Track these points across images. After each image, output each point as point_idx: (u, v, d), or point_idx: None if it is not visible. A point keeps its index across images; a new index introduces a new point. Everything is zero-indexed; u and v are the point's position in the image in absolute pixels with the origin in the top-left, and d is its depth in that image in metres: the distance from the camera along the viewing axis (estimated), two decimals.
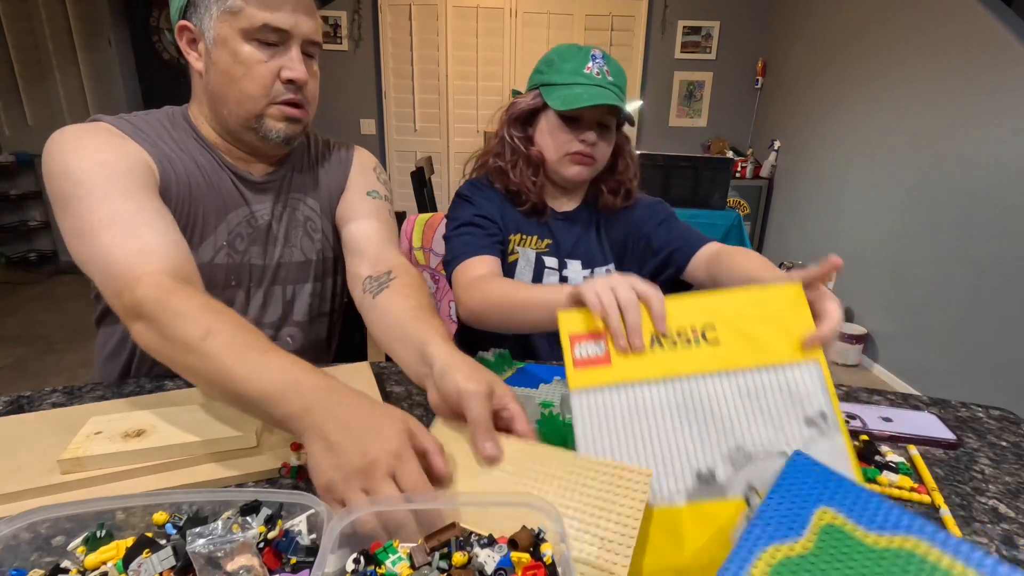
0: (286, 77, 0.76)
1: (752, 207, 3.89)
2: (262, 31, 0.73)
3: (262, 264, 0.86)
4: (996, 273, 2.13)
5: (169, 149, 0.78)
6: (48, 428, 0.64)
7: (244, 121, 0.78)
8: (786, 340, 0.54)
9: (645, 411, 0.53)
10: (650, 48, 4.06)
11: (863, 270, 2.93)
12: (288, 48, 0.76)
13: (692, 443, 0.51)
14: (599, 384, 0.54)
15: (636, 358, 0.54)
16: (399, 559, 0.45)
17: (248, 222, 0.85)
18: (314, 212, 0.91)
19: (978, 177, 2.23)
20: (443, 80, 4.09)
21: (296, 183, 0.90)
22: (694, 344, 0.54)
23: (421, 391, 0.78)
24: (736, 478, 0.49)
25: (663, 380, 0.53)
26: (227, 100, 0.77)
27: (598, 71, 0.94)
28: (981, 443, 0.71)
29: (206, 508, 0.48)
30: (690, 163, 2.50)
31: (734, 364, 0.53)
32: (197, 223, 0.79)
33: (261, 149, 0.84)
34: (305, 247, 0.90)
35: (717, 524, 0.48)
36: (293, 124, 0.81)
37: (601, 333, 0.55)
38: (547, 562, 0.44)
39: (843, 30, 3.13)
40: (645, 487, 0.45)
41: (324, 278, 0.94)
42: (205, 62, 0.77)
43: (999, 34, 2.14)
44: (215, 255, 0.81)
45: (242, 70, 0.75)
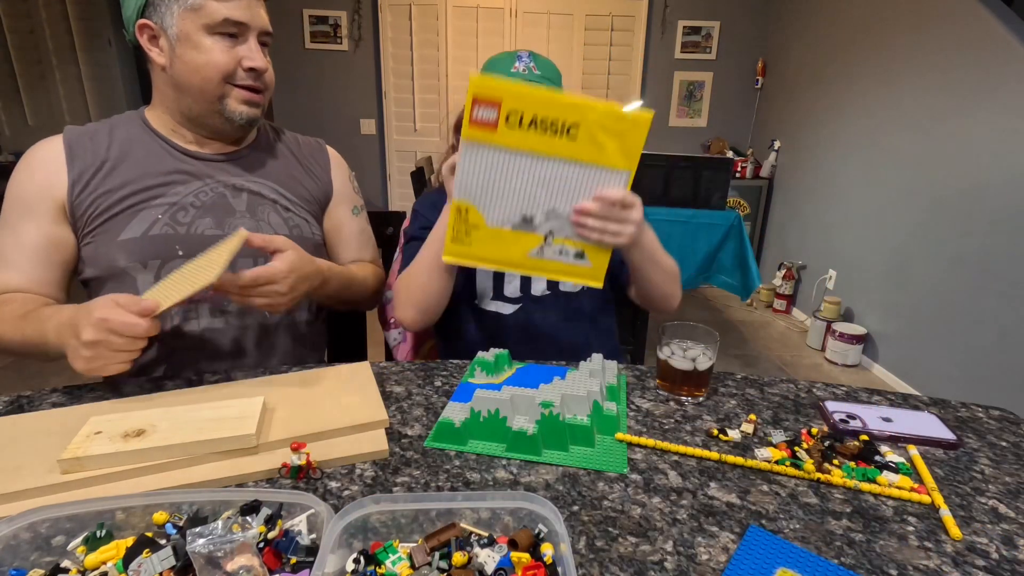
0: (247, 66, 0.84)
1: (752, 207, 3.88)
2: (223, 24, 0.81)
3: (219, 234, 0.87)
4: (996, 273, 2.13)
5: (98, 147, 0.86)
6: (48, 428, 0.64)
7: (209, 105, 0.86)
8: (620, 150, 0.73)
9: (506, 170, 0.74)
10: (650, 48, 4.06)
11: (863, 270, 2.93)
12: (247, 39, 0.84)
13: (527, 199, 0.76)
14: (483, 142, 0.73)
15: (515, 132, 0.72)
16: (399, 559, 0.45)
17: (196, 195, 0.88)
18: (283, 197, 0.95)
19: (978, 177, 2.23)
20: (443, 80, 4.09)
21: (258, 163, 0.95)
22: (559, 135, 0.72)
23: (421, 391, 0.78)
24: (545, 225, 0.78)
25: (526, 153, 0.73)
26: (192, 88, 0.84)
27: (524, 68, 0.95)
28: (981, 443, 0.71)
29: (206, 508, 0.48)
30: (690, 163, 2.49)
31: (577, 157, 0.74)
32: (130, 203, 0.85)
33: (223, 131, 0.90)
34: (274, 222, 0.93)
35: (521, 243, 0.79)
36: (253, 108, 0.88)
37: (497, 103, 0.70)
38: (547, 562, 0.44)
39: (843, 30, 3.13)
40: None
41: None
42: (169, 56, 0.83)
43: (999, 34, 2.13)
44: (150, 227, 0.85)
45: (205, 59, 0.82)
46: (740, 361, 2.87)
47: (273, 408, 0.69)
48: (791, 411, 0.76)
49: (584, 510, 0.56)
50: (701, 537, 0.52)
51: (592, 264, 0.81)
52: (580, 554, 0.50)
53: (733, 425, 0.72)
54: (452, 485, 0.59)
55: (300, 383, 0.76)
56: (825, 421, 0.74)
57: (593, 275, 0.82)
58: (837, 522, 0.55)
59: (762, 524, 0.55)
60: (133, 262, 0.84)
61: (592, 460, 0.64)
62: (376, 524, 0.47)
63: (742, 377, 0.85)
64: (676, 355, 0.78)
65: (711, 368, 0.78)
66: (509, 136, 0.72)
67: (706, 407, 0.77)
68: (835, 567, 0.49)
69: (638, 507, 0.56)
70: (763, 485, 0.61)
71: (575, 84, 4.06)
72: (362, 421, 0.66)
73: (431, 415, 0.72)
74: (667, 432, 0.70)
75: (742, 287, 2.51)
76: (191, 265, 0.76)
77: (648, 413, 0.75)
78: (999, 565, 0.50)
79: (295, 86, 4.07)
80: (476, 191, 0.76)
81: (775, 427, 0.72)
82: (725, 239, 2.50)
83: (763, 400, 0.79)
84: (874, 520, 0.56)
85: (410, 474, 0.60)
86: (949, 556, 0.51)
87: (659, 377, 0.82)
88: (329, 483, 0.58)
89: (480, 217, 0.78)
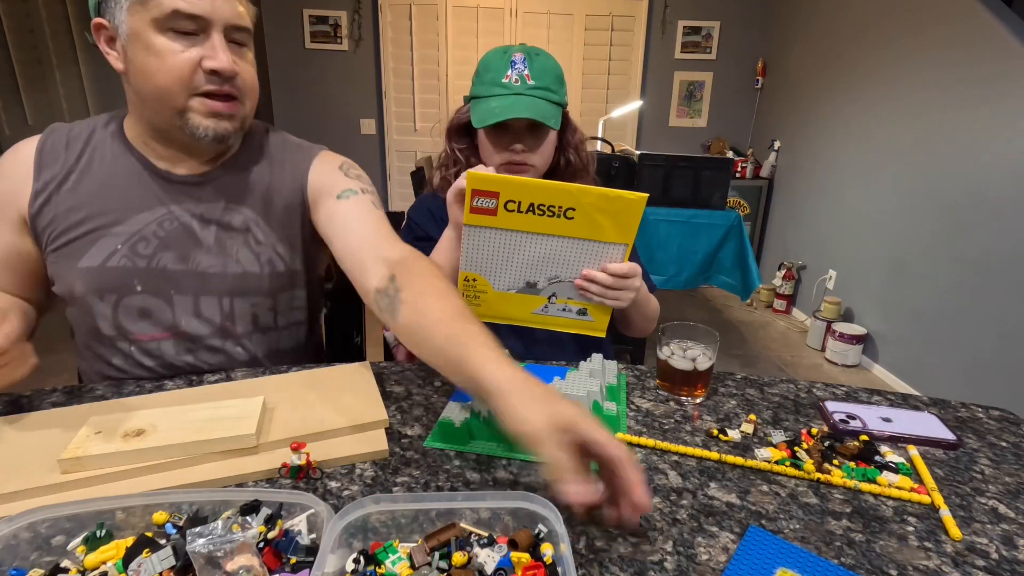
0: (208, 67, 0.70)
1: (752, 207, 3.88)
2: (174, 18, 0.67)
3: (182, 269, 0.79)
4: (996, 273, 2.13)
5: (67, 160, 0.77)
6: (48, 428, 0.64)
7: (167, 119, 0.73)
8: (616, 227, 0.78)
9: (509, 247, 0.80)
10: (650, 48, 4.06)
11: (863, 270, 2.93)
12: (209, 36, 0.70)
13: (530, 268, 0.82)
14: (485, 226, 0.78)
15: (514, 216, 0.76)
16: (399, 559, 0.45)
17: (160, 224, 0.78)
18: (254, 223, 0.82)
19: (978, 177, 2.23)
20: (443, 80, 4.09)
21: (232, 187, 0.81)
22: (557, 217, 0.77)
23: (421, 391, 0.78)
24: (548, 289, 0.85)
25: (527, 233, 0.78)
26: (147, 99, 0.72)
27: (516, 78, 0.93)
28: (981, 443, 0.71)
29: (206, 508, 0.48)
30: (690, 163, 2.49)
31: (576, 234, 0.79)
32: (88, 228, 0.77)
33: (194, 148, 0.78)
34: (244, 260, 0.81)
35: (527, 304, 0.86)
36: (223, 120, 0.74)
37: (496, 193, 0.75)
38: (547, 562, 0.44)
39: (843, 30, 3.13)
40: None
41: (279, 293, 0.86)
42: (123, 60, 0.71)
43: (999, 34, 2.13)
44: (108, 258, 0.76)
45: (156, 63, 0.68)
46: (740, 361, 2.87)
47: (273, 408, 0.68)
48: (791, 411, 0.76)
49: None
50: (701, 537, 0.52)
51: (594, 319, 0.88)
52: (580, 554, 0.50)
53: (733, 425, 0.72)
54: (452, 485, 0.59)
55: (300, 383, 0.76)
56: (825, 421, 0.74)
57: (595, 327, 0.89)
58: (837, 522, 0.55)
59: (762, 524, 0.54)
60: (89, 292, 0.77)
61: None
62: (376, 524, 0.47)
63: (742, 377, 0.85)
64: (676, 355, 0.78)
65: (711, 368, 0.78)
66: (509, 220, 0.77)
67: (706, 407, 0.77)
68: (835, 567, 0.49)
69: None
70: (763, 485, 0.61)
71: (575, 84, 4.06)
72: (362, 421, 0.66)
73: (431, 415, 0.72)
74: (667, 432, 0.70)
75: (742, 287, 2.51)
76: None
77: (648, 413, 0.75)
78: (999, 565, 0.50)
79: (295, 86, 4.07)
80: (481, 265, 0.82)
81: (775, 427, 0.72)
82: (725, 239, 2.50)
83: (763, 400, 0.79)
84: (874, 520, 0.56)
85: (410, 474, 0.60)
86: (949, 556, 0.51)
87: (659, 377, 0.82)
88: (329, 483, 0.58)
89: (487, 284, 0.84)
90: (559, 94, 0.97)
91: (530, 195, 0.75)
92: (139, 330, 0.80)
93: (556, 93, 0.96)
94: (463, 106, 1.03)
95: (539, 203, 0.76)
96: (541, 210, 0.76)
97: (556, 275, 0.83)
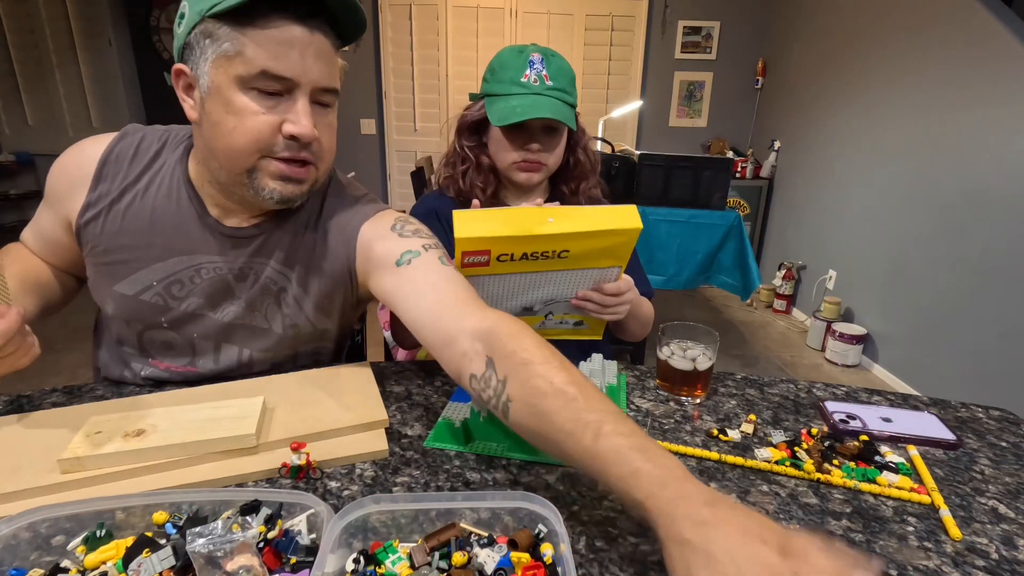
0: (288, 132, 0.65)
1: (752, 207, 3.88)
2: (261, 79, 0.62)
3: (210, 316, 0.77)
4: (996, 273, 2.13)
5: (129, 177, 0.75)
6: (48, 428, 0.64)
7: (235, 178, 0.68)
8: (610, 255, 0.78)
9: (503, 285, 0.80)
10: (650, 48, 4.06)
11: (863, 270, 2.92)
12: (294, 99, 0.65)
13: (526, 296, 0.83)
14: (478, 274, 0.77)
15: (507, 264, 0.75)
16: (399, 559, 0.45)
17: (198, 271, 0.75)
18: (290, 284, 0.78)
19: (978, 177, 2.23)
20: (443, 80, 4.09)
21: (278, 247, 0.77)
22: (551, 259, 0.76)
23: (421, 391, 0.78)
24: (544, 309, 0.87)
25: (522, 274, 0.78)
26: (217, 154, 0.67)
27: (536, 78, 0.94)
28: (981, 443, 0.71)
29: (206, 508, 0.48)
30: (690, 163, 2.49)
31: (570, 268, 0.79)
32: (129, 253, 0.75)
33: (255, 204, 0.73)
34: (272, 320, 0.78)
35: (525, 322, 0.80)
36: (292, 184, 0.69)
37: (487, 251, 0.73)
38: (547, 562, 0.44)
39: (843, 30, 3.13)
40: None
41: (301, 347, 0.82)
42: (199, 112, 0.66)
43: (999, 34, 2.13)
44: (142, 291, 0.76)
45: (235, 122, 0.64)
46: (740, 361, 2.87)
47: (273, 408, 0.69)
48: (791, 411, 0.76)
49: (584, 510, 0.56)
50: None
51: (590, 327, 0.92)
52: (580, 554, 0.50)
53: (733, 425, 0.72)
54: (452, 485, 0.59)
55: (300, 383, 0.76)
56: (825, 421, 0.74)
57: (592, 333, 0.93)
58: (837, 522, 0.55)
59: None
60: (118, 315, 0.78)
61: None
62: (376, 524, 0.47)
63: (742, 377, 0.85)
64: (676, 355, 0.78)
65: (711, 368, 0.78)
66: (502, 268, 0.76)
67: (706, 407, 0.77)
68: None
69: None
70: (763, 485, 0.61)
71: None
72: (362, 421, 0.66)
73: (431, 415, 0.72)
74: (667, 432, 0.70)
75: (742, 287, 2.51)
76: None
77: (648, 413, 0.75)
78: (999, 565, 0.50)
79: None
80: None
81: (775, 427, 0.72)
82: (725, 239, 2.50)
83: (763, 400, 0.79)
84: (874, 520, 0.56)
85: (410, 474, 0.60)
86: (949, 556, 0.51)
87: (659, 377, 0.82)
88: (329, 483, 0.58)
89: None
90: (573, 95, 0.98)
91: (522, 247, 0.73)
92: (159, 358, 0.81)
93: (571, 95, 0.97)
94: (473, 104, 1.02)
95: (532, 251, 0.74)
96: (535, 256, 0.75)
97: (552, 298, 0.85)
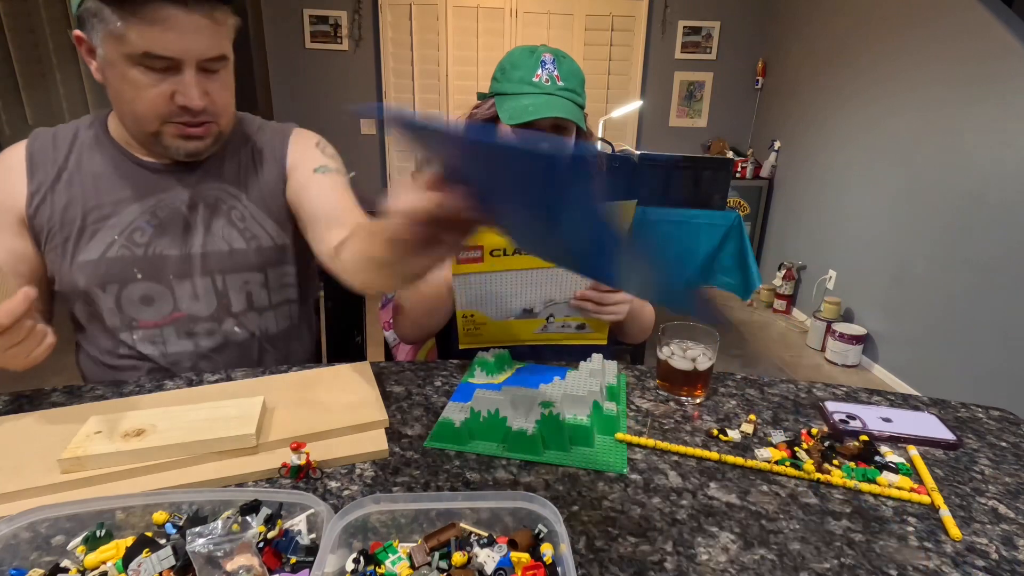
0: (179, 104, 0.73)
1: (752, 207, 3.88)
2: (146, 58, 0.69)
3: (179, 254, 0.83)
4: (996, 273, 2.13)
5: (57, 158, 0.80)
6: (48, 428, 0.64)
7: (143, 137, 0.78)
8: None
9: (500, 284, 0.82)
10: (650, 48, 4.06)
11: (863, 270, 2.92)
12: (181, 72, 0.72)
13: (525, 297, 0.85)
14: (473, 272, 0.80)
15: (500, 260, 0.79)
16: (399, 559, 0.45)
17: (153, 213, 0.81)
18: (239, 203, 0.87)
19: (978, 177, 2.23)
20: (443, 80, 4.09)
21: (214, 170, 0.86)
22: None
23: (421, 391, 0.78)
24: (545, 311, 0.87)
25: (516, 271, 0.81)
26: (123, 116, 0.77)
27: (547, 78, 0.93)
28: (981, 443, 0.71)
29: (206, 508, 0.48)
30: (690, 163, 2.49)
31: None
32: (85, 223, 0.79)
33: (165, 155, 0.82)
34: (229, 236, 0.86)
35: (527, 327, 0.88)
36: (197, 141, 0.78)
37: (480, 246, 0.78)
38: (547, 562, 0.44)
39: (843, 30, 3.13)
40: None
41: (266, 267, 0.89)
42: (103, 76, 0.75)
43: (999, 34, 2.13)
44: (106, 250, 0.80)
45: (132, 92, 0.72)
46: (740, 361, 2.87)
47: (273, 408, 0.69)
48: (791, 411, 0.76)
49: (584, 510, 0.56)
50: (701, 537, 0.52)
51: (593, 330, 0.90)
52: (580, 554, 0.50)
53: (733, 425, 0.72)
54: (452, 485, 0.59)
55: (300, 383, 0.76)
56: (825, 421, 0.74)
57: (596, 337, 0.91)
58: (837, 522, 0.55)
59: (762, 524, 0.55)
60: (92, 285, 0.80)
61: (592, 460, 0.64)
62: (376, 524, 0.47)
63: (742, 377, 0.85)
64: (676, 355, 0.78)
65: (711, 368, 0.78)
66: (496, 263, 0.79)
67: (706, 407, 0.77)
68: None
69: (638, 507, 0.56)
70: (763, 485, 0.61)
71: None
72: (362, 421, 0.66)
73: (431, 415, 0.72)
74: (667, 432, 0.70)
75: (742, 287, 2.51)
76: None
77: (648, 413, 0.75)
78: (999, 565, 0.50)
79: (295, 86, 4.07)
80: (476, 303, 0.85)
81: (775, 427, 0.72)
82: (725, 239, 2.50)
83: (763, 400, 0.79)
84: (874, 520, 0.56)
85: (410, 474, 0.60)
86: (949, 556, 0.51)
87: (659, 377, 0.82)
88: (329, 483, 0.58)
89: (485, 317, 0.87)
90: (582, 97, 0.98)
91: None
92: (143, 316, 0.83)
93: (580, 96, 0.97)
94: (482, 103, 1.02)
95: None
96: None
97: (551, 298, 0.85)
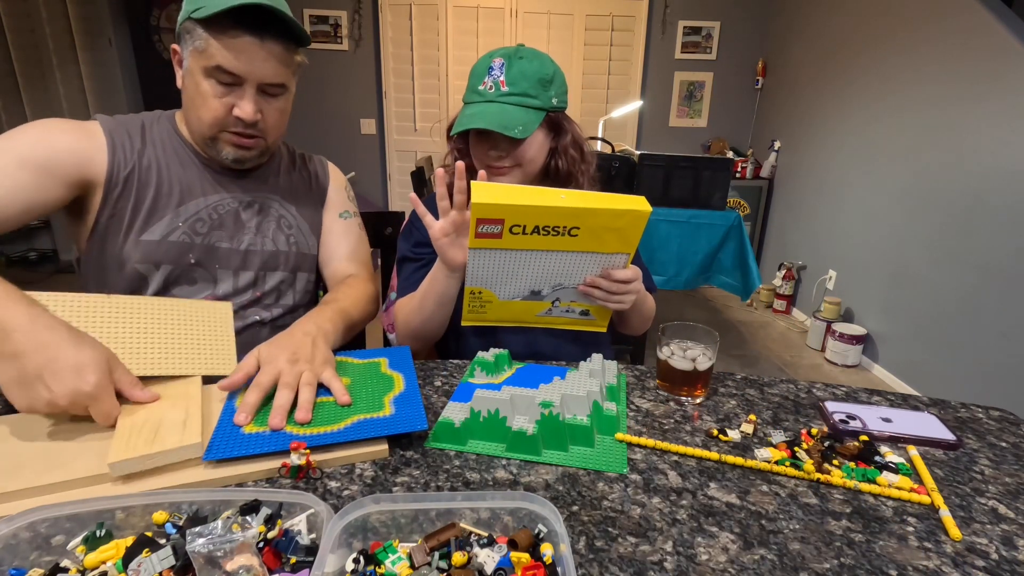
0: (235, 115, 0.85)
1: (752, 207, 3.88)
2: (217, 72, 0.82)
3: (229, 248, 0.94)
4: (996, 273, 2.13)
5: (135, 143, 0.89)
6: (48, 428, 0.64)
7: (202, 139, 0.89)
8: (619, 240, 0.79)
9: (513, 263, 0.81)
10: (650, 48, 4.06)
11: (863, 270, 2.92)
12: (243, 89, 0.84)
13: (534, 279, 0.84)
14: (490, 247, 0.78)
15: (519, 238, 0.77)
16: (399, 559, 0.45)
17: (214, 209, 0.93)
18: (288, 213, 1.01)
19: (978, 177, 2.23)
20: (443, 80, 4.09)
21: (271, 184, 1.00)
22: (562, 235, 0.77)
23: (421, 391, 0.78)
24: (552, 295, 0.87)
25: (532, 251, 0.80)
26: (190, 119, 0.89)
27: (491, 85, 0.92)
28: (981, 444, 0.71)
29: (206, 508, 0.48)
30: (690, 163, 2.49)
31: (580, 249, 0.80)
32: (154, 204, 0.88)
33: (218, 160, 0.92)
34: (278, 240, 0.98)
35: (532, 308, 0.89)
36: (244, 150, 0.90)
37: (501, 221, 0.75)
38: (547, 562, 0.44)
39: (843, 30, 3.13)
40: None
41: (297, 270, 1.02)
42: (182, 83, 0.87)
43: (999, 34, 2.13)
44: (169, 233, 0.89)
45: (200, 100, 0.85)
46: (740, 361, 2.87)
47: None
48: (791, 411, 0.76)
49: (584, 510, 0.56)
50: (701, 537, 0.52)
51: (596, 317, 0.92)
52: (580, 554, 0.50)
53: (733, 425, 0.72)
54: (452, 485, 0.59)
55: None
56: (825, 421, 0.74)
57: (597, 324, 0.93)
58: (837, 522, 0.55)
59: (762, 524, 0.55)
60: (147, 263, 0.88)
61: (592, 460, 0.64)
62: (376, 524, 0.47)
63: (742, 377, 0.85)
64: (676, 355, 0.78)
65: (711, 368, 0.78)
66: (514, 241, 0.78)
67: (706, 407, 0.77)
68: None
69: (638, 507, 0.56)
70: (763, 485, 0.61)
71: (575, 84, 4.06)
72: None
73: (431, 415, 0.72)
74: (667, 432, 0.70)
75: (742, 287, 2.51)
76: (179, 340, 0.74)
77: (648, 413, 0.75)
78: (999, 566, 0.50)
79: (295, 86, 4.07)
80: (486, 280, 0.84)
81: (775, 427, 0.72)
82: (725, 239, 2.50)
83: (763, 400, 0.79)
84: (874, 520, 0.56)
85: (410, 474, 0.60)
86: (949, 556, 0.51)
87: (659, 377, 0.82)
88: (329, 483, 0.58)
89: (492, 295, 0.87)
90: (541, 98, 0.93)
91: (535, 219, 0.75)
92: (181, 295, 0.91)
93: (536, 98, 0.92)
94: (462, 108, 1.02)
95: (544, 224, 0.76)
96: (546, 230, 0.77)
97: (560, 283, 0.85)
